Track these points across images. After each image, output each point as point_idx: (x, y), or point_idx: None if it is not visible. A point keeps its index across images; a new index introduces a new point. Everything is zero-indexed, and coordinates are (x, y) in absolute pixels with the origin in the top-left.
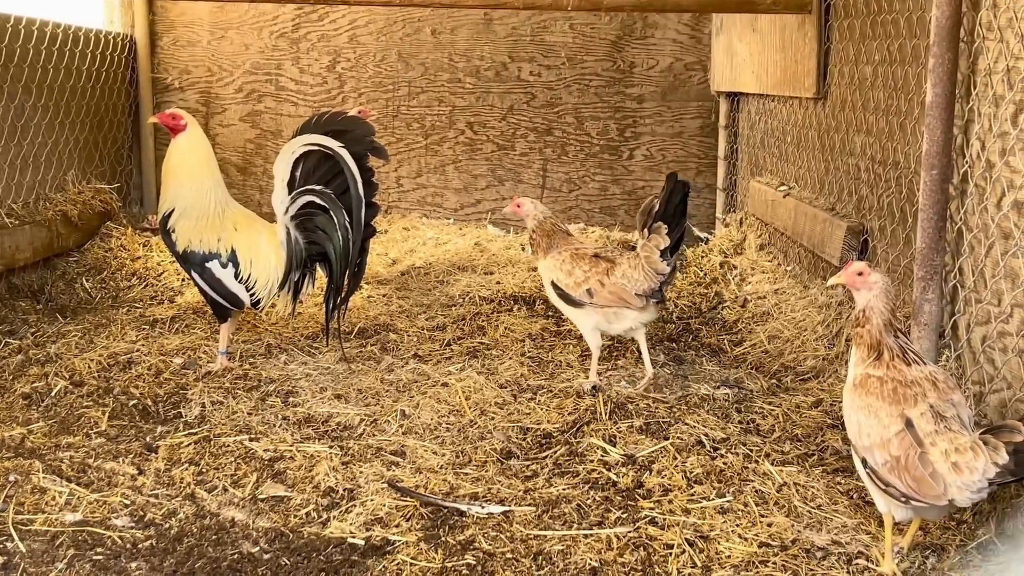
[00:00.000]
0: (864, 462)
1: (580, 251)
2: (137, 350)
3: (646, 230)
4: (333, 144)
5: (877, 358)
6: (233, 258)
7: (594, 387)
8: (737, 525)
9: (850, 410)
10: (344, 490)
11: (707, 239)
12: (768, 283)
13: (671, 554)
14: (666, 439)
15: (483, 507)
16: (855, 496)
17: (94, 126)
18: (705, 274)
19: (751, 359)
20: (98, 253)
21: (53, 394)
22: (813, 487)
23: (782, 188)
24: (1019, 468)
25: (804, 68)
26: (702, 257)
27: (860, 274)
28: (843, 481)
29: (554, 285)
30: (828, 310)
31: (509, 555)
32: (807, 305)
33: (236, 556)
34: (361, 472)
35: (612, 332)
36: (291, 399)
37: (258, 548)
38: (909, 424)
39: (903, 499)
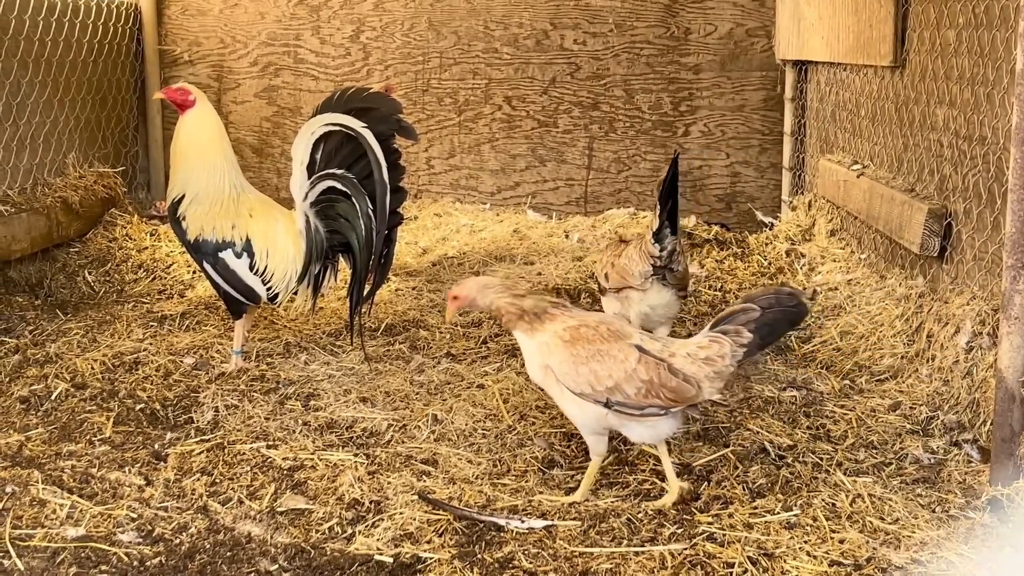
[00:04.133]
0: (607, 403)
1: (612, 242)
2: (144, 349)
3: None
4: (356, 124)
5: (538, 318)
6: (248, 248)
7: None
8: (805, 542)
9: (575, 363)
10: (370, 503)
11: (772, 224)
12: (840, 273)
13: (732, 573)
14: (726, 446)
15: (523, 521)
16: (937, 510)
17: (96, 104)
18: (769, 263)
19: (821, 357)
20: (101, 243)
21: (53, 397)
22: (890, 500)
23: (855, 167)
24: (764, 339)
25: (880, 33)
26: (766, 244)
27: (456, 298)
28: (923, 493)
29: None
30: (907, 303)
31: (552, 574)
32: (884, 297)
33: (253, 575)
34: (389, 483)
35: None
36: (312, 402)
37: (276, 566)
38: (642, 350)
39: (663, 412)
